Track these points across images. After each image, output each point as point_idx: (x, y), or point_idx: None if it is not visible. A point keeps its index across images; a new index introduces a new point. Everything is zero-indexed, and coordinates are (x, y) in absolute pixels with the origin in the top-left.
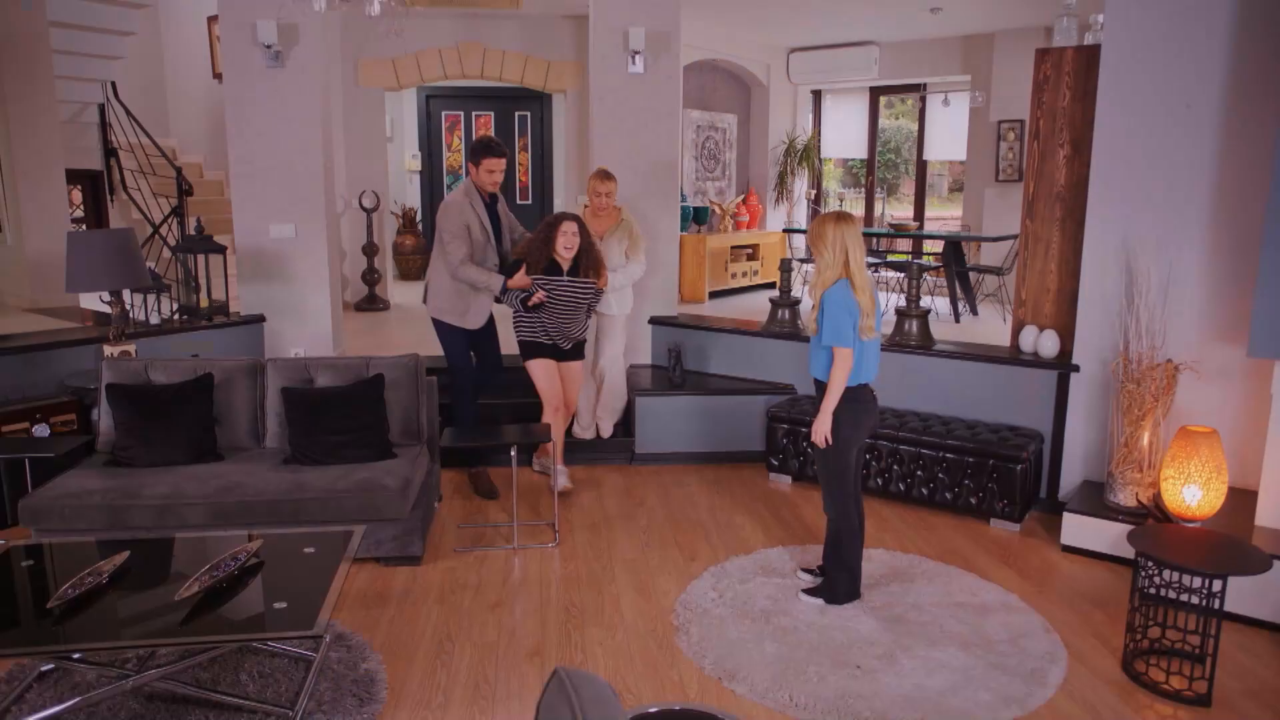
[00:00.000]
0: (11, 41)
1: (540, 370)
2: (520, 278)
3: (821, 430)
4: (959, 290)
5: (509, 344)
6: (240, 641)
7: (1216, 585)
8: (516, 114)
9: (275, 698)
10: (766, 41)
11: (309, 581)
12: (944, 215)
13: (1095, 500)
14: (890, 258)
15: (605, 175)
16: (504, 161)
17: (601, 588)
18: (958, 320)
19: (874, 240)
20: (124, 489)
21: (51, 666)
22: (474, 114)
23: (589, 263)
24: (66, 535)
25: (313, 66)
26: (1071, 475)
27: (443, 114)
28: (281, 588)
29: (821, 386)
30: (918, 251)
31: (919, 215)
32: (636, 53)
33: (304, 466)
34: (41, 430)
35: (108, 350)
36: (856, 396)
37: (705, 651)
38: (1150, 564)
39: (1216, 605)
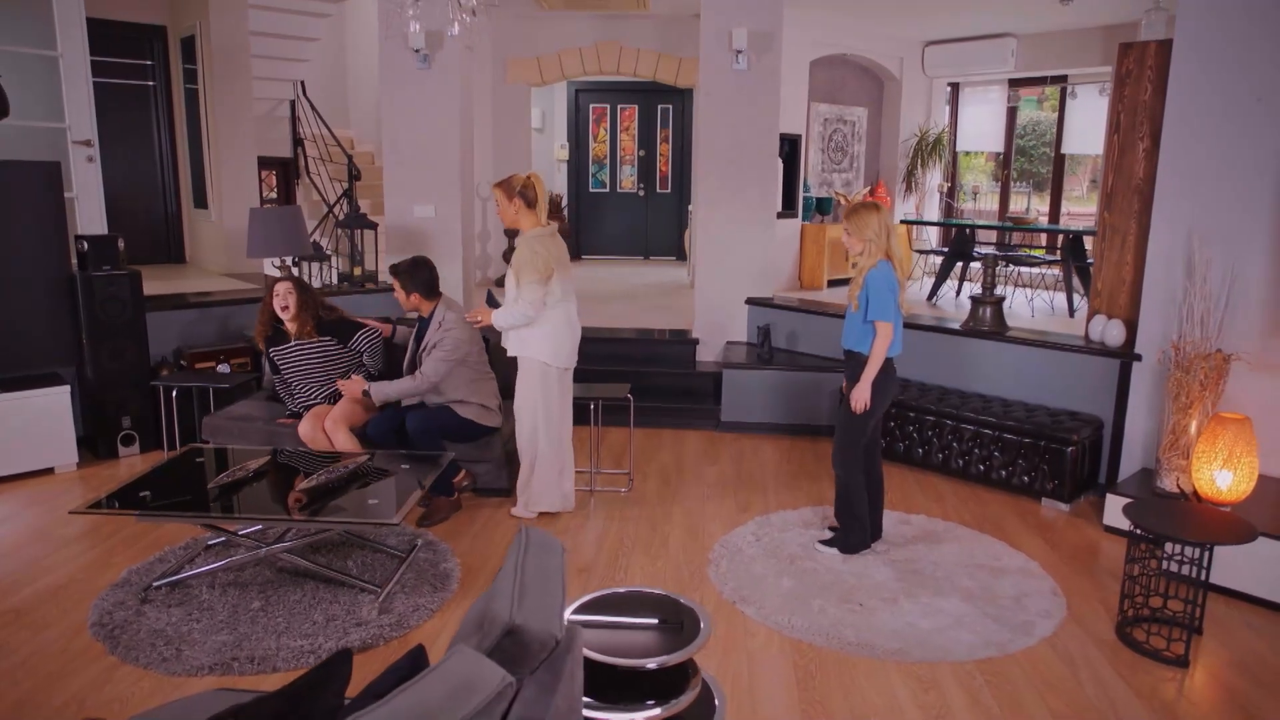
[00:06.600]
0: (220, 50)
1: None
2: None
3: (862, 398)
4: (1078, 284)
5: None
6: (335, 524)
7: (1195, 553)
8: (659, 107)
9: (371, 579)
10: (900, 35)
11: (400, 487)
12: (1087, 211)
13: (1144, 485)
14: (1023, 251)
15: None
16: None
17: (656, 526)
18: (1072, 315)
19: (1007, 235)
20: (277, 416)
21: (220, 540)
22: (619, 107)
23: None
24: (234, 446)
25: (455, 68)
26: (1131, 461)
27: (590, 107)
28: (377, 490)
29: (854, 357)
30: (1051, 246)
31: (1054, 209)
32: (739, 51)
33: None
34: (224, 368)
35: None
36: (884, 369)
37: (728, 580)
38: (1142, 532)
39: (1198, 574)
